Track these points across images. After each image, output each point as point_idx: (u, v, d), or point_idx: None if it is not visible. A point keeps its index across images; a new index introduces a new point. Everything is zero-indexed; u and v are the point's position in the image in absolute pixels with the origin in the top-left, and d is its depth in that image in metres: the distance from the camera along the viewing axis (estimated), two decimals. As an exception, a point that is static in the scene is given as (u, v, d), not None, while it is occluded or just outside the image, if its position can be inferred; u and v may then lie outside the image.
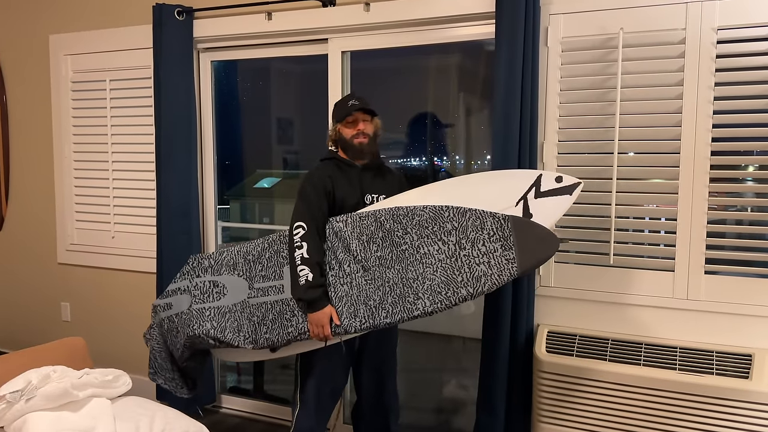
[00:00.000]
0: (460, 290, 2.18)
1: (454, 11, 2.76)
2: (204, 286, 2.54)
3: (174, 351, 2.58)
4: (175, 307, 2.56)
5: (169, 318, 2.56)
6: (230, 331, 2.42)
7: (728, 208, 2.45)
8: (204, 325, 2.44)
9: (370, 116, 2.49)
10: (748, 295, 2.40)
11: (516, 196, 2.30)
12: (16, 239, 4.10)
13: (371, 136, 2.48)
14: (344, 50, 3.07)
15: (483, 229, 2.22)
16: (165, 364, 2.66)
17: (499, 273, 2.16)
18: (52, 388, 2.10)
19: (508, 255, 2.16)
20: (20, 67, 3.93)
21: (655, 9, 2.44)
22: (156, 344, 2.66)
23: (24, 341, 4.09)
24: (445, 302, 2.18)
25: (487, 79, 3.06)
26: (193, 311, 2.48)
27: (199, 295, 2.52)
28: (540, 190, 2.28)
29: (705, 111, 2.40)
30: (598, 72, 2.55)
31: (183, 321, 2.50)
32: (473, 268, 2.19)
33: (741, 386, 2.26)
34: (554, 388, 2.56)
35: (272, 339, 2.36)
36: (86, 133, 3.73)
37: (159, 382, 2.67)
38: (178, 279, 2.61)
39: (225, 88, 3.63)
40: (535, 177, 2.30)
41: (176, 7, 3.25)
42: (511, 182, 2.33)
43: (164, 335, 2.62)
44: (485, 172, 2.45)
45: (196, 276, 2.57)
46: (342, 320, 2.27)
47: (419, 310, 2.20)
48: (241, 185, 3.93)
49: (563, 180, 2.28)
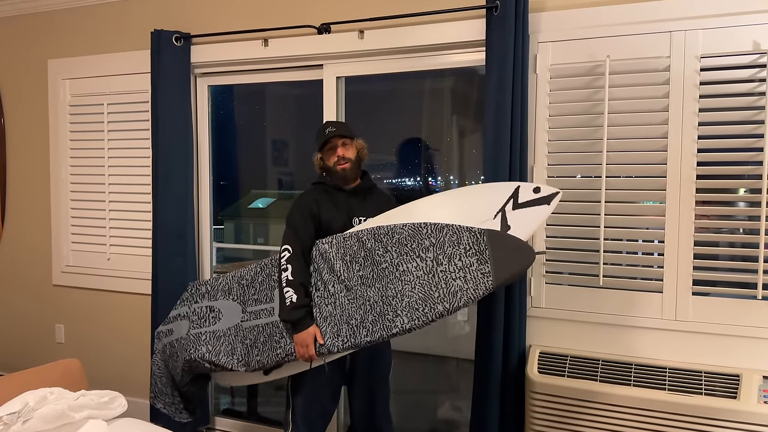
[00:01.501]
0: (437, 306, 2.18)
1: (445, 39, 2.83)
2: (201, 311, 2.58)
3: (175, 375, 2.61)
4: (176, 332, 2.60)
5: (170, 343, 2.60)
6: (224, 355, 2.44)
7: (716, 230, 2.51)
8: (200, 349, 2.47)
9: (350, 139, 2.53)
10: (735, 316, 2.45)
11: (494, 209, 2.32)
12: (12, 261, 4.11)
13: (353, 159, 2.51)
14: (339, 76, 3.14)
15: (459, 244, 2.24)
16: (165, 389, 2.68)
17: (475, 287, 2.17)
18: (49, 410, 2.11)
19: (483, 269, 2.17)
20: (18, 91, 3.98)
21: (641, 37, 2.52)
22: (157, 369, 2.69)
23: (17, 363, 4.08)
24: (422, 318, 2.19)
25: (480, 102, 3.11)
26: (191, 336, 2.52)
27: (197, 320, 2.56)
28: (518, 202, 2.30)
29: (690, 136, 2.46)
30: (586, 98, 2.62)
31: (181, 346, 2.53)
32: (449, 283, 2.20)
33: (729, 406, 2.29)
34: (546, 408, 2.58)
35: (263, 361, 2.38)
36: (83, 156, 3.77)
37: (159, 406, 2.69)
38: (178, 305, 2.66)
39: (221, 111, 3.68)
40: (513, 189, 2.33)
41: (174, 33, 3.31)
42: (489, 195, 2.35)
43: (166, 361, 2.65)
44: (465, 187, 2.47)
45: (194, 302, 2.61)
46: (325, 340, 2.29)
47: (398, 327, 2.21)
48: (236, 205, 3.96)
49: (541, 190, 2.30)
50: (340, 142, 2.50)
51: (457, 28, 2.80)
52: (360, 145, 2.56)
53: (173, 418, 2.70)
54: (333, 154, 2.50)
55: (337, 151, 2.49)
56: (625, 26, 2.53)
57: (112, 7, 3.64)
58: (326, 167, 2.53)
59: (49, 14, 3.84)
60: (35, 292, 4.03)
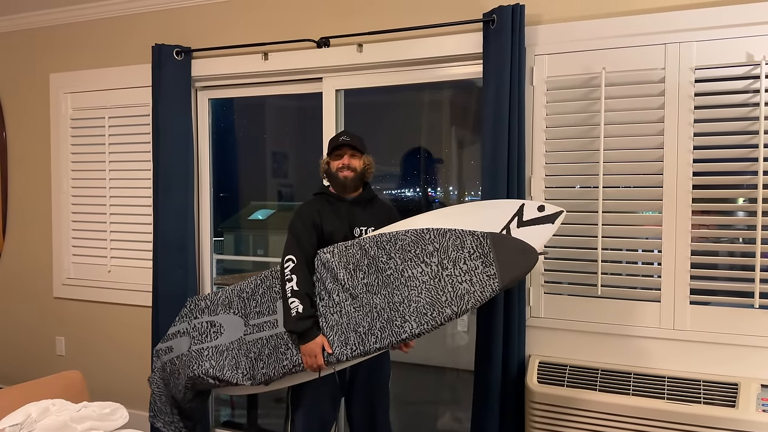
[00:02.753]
0: (445, 310, 2.21)
1: (442, 52, 2.87)
2: (202, 326, 2.57)
3: (176, 393, 2.59)
4: (176, 349, 2.59)
5: (171, 361, 2.59)
6: (228, 369, 2.44)
7: (712, 239, 2.53)
8: (203, 365, 2.46)
9: (360, 153, 2.56)
10: (733, 325, 2.46)
11: (499, 226, 2.34)
12: (13, 273, 4.12)
13: (357, 171, 2.52)
14: (338, 88, 3.17)
15: (463, 247, 2.26)
16: (164, 407, 2.67)
17: (482, 290, 2.19)
18: (51, 422, 2.12)
19: (488, 271, 2.20)
20: (21, 104, 4.01)
21: (636, 50, 2.56)
22: (157, 388, 2.68)
23: (18, 375, 4.08)
24: (431, 323, 2.21)
25: (478, 114, 3.14)
26: (192, 352, 2.51)
27: (198, 336, 2.55)
28: (522, 219, 2.33)
29: (686, 146, 2.49)
30: (582, 109, 2.65)
31: (183, 363, 2.52)
32: (456, 286, 2.23)
33: (728, 415, 2.30)
34: (546, 418, 2.59)
35: (269, 374, 2.38)
36: (84, 169, 3.80)
37: (158, 425, 2.68)
38: (178, 322, 2.65)
39: (222, 124, 3.71)
40: (517, 207, 2.35)
41: (175, 48, 3.35)
42: (494, 212, 2.37)
43: (165, 379, 2.64)
44: (469, 203, 2.49)
45: (194, 318, 2.60)
46: (333, 349, 2.30)
47: (407, 332, 2.23)
48: (236, 217, 3.98)
49: (545, 209, 2.33)
50: (350, 152, 2.53)
51: (454, 41, 2.84)
52: (368, 161, 2.57)
53: None
54: (339, 161, 2.52)
55: (344, 159, 2.51)
56: (621, 38, 2.57)
57: (114, 22, 3.68)
58: (329, 171, 2.55)
59: (51, 29, 3.88)
60: (36, 305, 4.04)
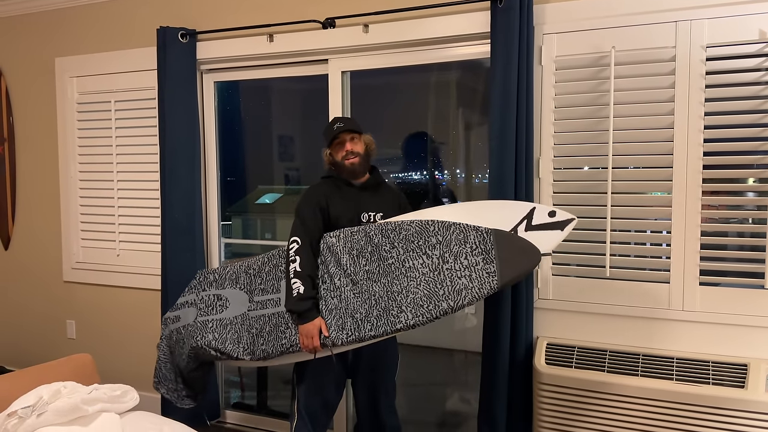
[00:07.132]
0: (441, 303, 2.21)
1: (449, 32, 2.83)
2: (209, 299, 2.62)
3: (180, 362, 2.65)
4: (183, 319, 2.65)
5: (177, 330, 2.65)
6: (230, 343, 2.49)
7: (722, 219, 2.51)
8: (206, 337, 2.52)
9: (358, 134, 2.54)
10: (742, 306, 2.45)
11: (508, 227, 2.32)
12: (23, 258, 4.15)
13: (362, 154, 2.52)
14: (344, 70, 3.15)
15: (466, 242, 2.26)
16: (169, 374, 2.73)
17: (480, 286, 2.19)
18: (62, 404, 2.14)
19: (489, 268, 2.20)
20: (27, 89, 4.01)
21: (646, 28, 2.52)
22: (162, 354, 2.74)
23: (29, 359, 4.13)
24: (427, 315, 2.21)
25: (486, 94, 3.11)
26: (198, 323, 2.57)
27: (204, 308, 2.61)
28: (531, 223, 2.30)
29: (696, 126, 2.46)
30: (591, 89, 2.62)
31: (188, 332, 2.58)
32: (455, 281, 2.22)
33: (737, 395, 2.30)
34: (554, 399, 2.60)
35: (267, 350, 2.42)
36: (92, 153, 3.80)
37: (162, 391, 2.75)
38: (187, 293, 2.71)
39: (227, 107, 3.70)
40: (528, 209, 2.33)
41: (180, 30, 3.33)
42: (503, 212, 2.36)
43: (171, 347, 2.70)
44: (479, 202, 2.47)
45: (202, 290, 2.66)
46: (330, 332, 2.32)
47: (401, 323, 2.23)
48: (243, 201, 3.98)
49: (556, 215, 2.30)
50: (349, 137, 2.51)
51: (461, 20, 2.81)
52: (368, 140, 2.57)
53: (176, 404, 2.75)
54: (342, 149, 2.51)
55: (346, 146, 2.50)
56: (630, 17, 2.53)
57: (119, 5, 3.66)
58: (335, 162, 2.54)
59: (56, 12, 3.86)
60: (46, 289, 4.08)
